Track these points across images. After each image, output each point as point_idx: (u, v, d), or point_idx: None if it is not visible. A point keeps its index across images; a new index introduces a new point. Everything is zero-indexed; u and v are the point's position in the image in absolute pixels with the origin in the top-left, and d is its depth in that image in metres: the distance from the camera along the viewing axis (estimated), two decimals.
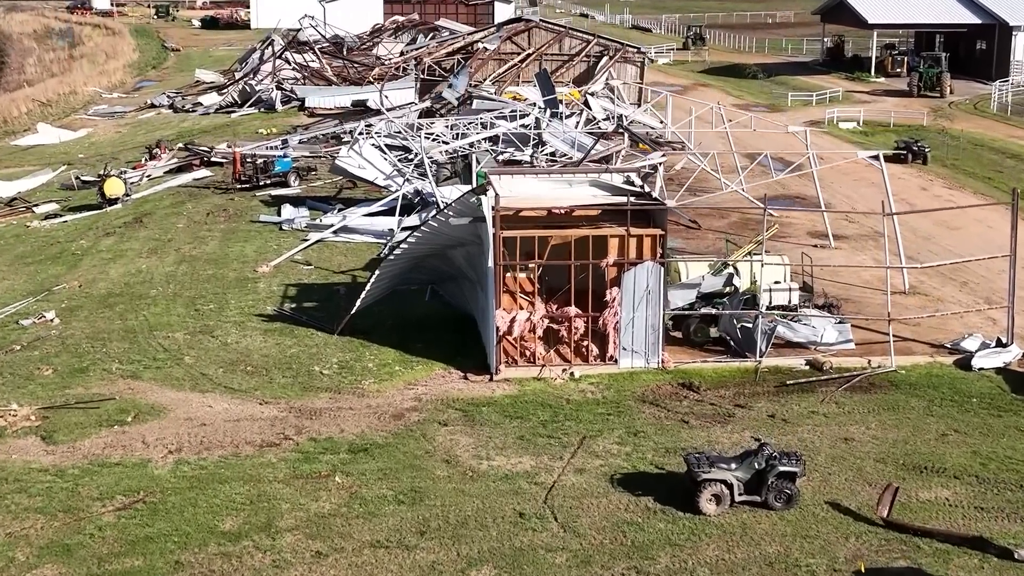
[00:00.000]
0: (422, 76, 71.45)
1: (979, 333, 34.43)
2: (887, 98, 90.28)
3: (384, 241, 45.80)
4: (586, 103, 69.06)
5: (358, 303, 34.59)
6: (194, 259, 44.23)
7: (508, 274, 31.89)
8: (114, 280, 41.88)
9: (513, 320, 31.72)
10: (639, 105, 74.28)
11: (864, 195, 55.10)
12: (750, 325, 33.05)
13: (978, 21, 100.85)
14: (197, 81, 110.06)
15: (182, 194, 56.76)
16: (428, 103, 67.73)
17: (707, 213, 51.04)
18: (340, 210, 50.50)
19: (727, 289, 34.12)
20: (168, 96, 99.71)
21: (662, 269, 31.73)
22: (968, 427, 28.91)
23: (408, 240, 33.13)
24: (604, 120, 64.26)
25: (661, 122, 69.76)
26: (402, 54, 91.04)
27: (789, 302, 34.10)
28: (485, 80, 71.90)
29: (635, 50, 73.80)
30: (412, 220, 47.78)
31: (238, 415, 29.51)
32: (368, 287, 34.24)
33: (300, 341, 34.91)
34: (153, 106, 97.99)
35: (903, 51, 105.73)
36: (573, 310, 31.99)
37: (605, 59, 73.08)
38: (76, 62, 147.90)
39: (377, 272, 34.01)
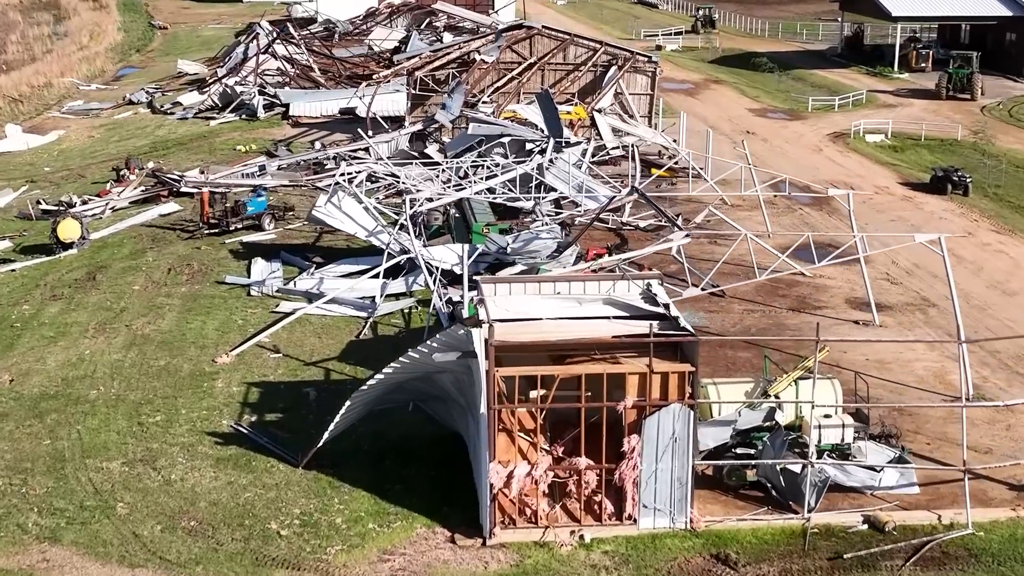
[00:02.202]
0: (413, 91, 65.39)
1: None
2: (914, 100, 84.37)
3: (366, 314, 40.24)
4: (592, 121, 63.10)
5: (325, 435, 29.01)
6: (146, 341, 38.54)
7: (504, 408, 26.27)
8: (51, 373, 36.21)
9: (511, 475, 26.15)
10: (650, 118, 68.29)
11: (904, 241, 49.22)
12: (796, 469, 27.49)
13: (1009, 13, 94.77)
14: (179, 73, 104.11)
15: (144, 237, 51.02)
16: (420, 125, 61.76)
17: (729, 270, 45.32)
18: (317, 267, 44.81)
19: (767, 424, 28.48)
20: (147, 92, 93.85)
21: (692, 414, 26.08)
22: None
23: (383, 371, 27.44)
24: (614, 148, 58.48)
25: (674, 140, 63.85)
26: (392, 63, 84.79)
27: (842, 440, 28.45)
28: (483, 93, 65.86)
29: (646, 59, 67.65)
30: (398, 284, 42.24)
31: None
32: (338, 417, 28.63)
33: (258, 478, 29.30)
34: (131, 103, 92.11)
35: (927, 44, 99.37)
36: (584, 461, 26.40)
37: (613, 69, 66.97)
38: (60, 41, 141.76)
39: (348, 403, 28.36)
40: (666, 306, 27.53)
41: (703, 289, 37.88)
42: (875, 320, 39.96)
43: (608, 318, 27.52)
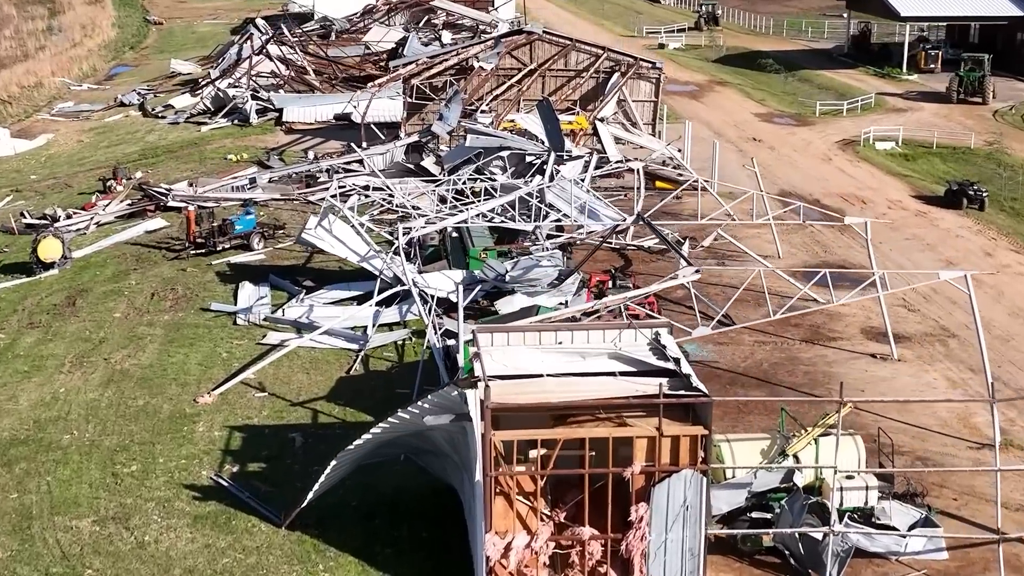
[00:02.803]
0: (409, 99, 63.23)
1: None
2: (923, 104, 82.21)
3: (357, 347, 38.25)
4: (595, 131, 61.01)
5: (310, 495, 27.03)
6: (125, 377, 36.53)
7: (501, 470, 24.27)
8: (23, 414, 34.20)
9: (509, 546, 24.13)
10: (654, 126, 66.25)
11: (920, 263, 47.22)
12: (817, 536, 25.51)
13: (1020, 13, 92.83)
14: (172, 73, 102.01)
15: (128, 257, 49.00)
16: (416, 136, 59.67)
17: (743, 297, 43.26)
18: (307, 292, 42.79)
19: (785, 485, 26.47)
20: (139, 93, 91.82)
21: (705, 480, 24.06)
22: None
23: (371, 431, 25.43)
24: (618, 162, 56.44)
25: (679, 150, 61.81)
26: (388, 69, 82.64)
27: (866, 503, 26.45)
28: (481, 100, 63.74)
29: (650, 65, 65.53)
30: (391, 314, 40.23)
31: None
32: (323, 477, 26.65)
33: (238, 540, 27.30)
34: (122, 104, 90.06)
35: (936, 44, 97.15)
36: (588, 531, 24.38)
37: (616, 76, 64.86)
38: (54, 37, 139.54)
39: (334, 462, 26.37)
40: (676, 360, 25.48)
41: (713, 328, 35.72)
42: (893, 354, 37.92)
43: (614, 374, 25.46)
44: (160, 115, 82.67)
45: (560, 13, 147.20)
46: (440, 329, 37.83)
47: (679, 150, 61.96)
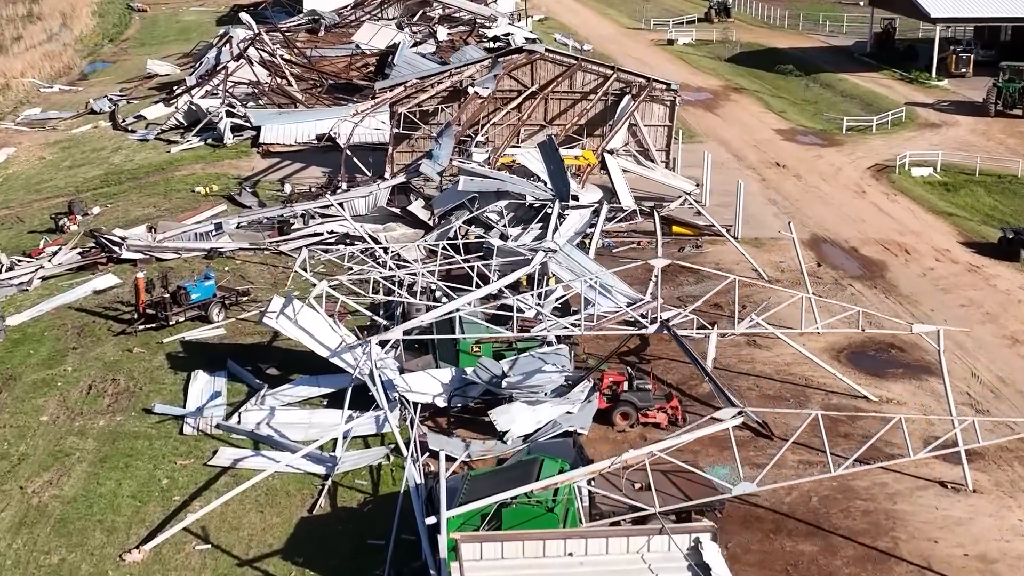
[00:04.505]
0: (396, 129, 56.59)
1: None
2: (958, 117, 75.64)
3: (324, 471, 31.99)
4: (603, 164, 54.43)
5: None
6: (41, 517, 30.22)
7: None
8: None
9: None
10: (668, 152, 59.73)
11: (983, 340, 40.89)
12: None
13: None
14: (149, 74, 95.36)
15: (69, 330, 42.62)
16: (402, 176, 53.17)
17: (781, 392, 37.01)
18: (269, 387, 36.46)
19: None
20: (111, 100, 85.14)
21: None
22: None
23: None
24: (632, 209, 50.04)
25: (698, 185, 55.37)
26: (376, 76, 76.24)
27: None
28: (477, 128, 57.14)
29: (664, 87, 58.90)
30: (365, 423, 33.93)
31: None
32: None
33: None
34: (92, 112, 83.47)
35: (967, 46, 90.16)
36: None
37: (627, 99, 58.23)
38: (31, 26, 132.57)
39: None
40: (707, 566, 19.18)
41: (755, 481, 29.24)
42: (968, 483, 31.56)
43: None
44: (130, 128, 76.18)
45: (565, 1, 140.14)
46: (422, 448, 31.74)
47: (697, 185, 55.50)
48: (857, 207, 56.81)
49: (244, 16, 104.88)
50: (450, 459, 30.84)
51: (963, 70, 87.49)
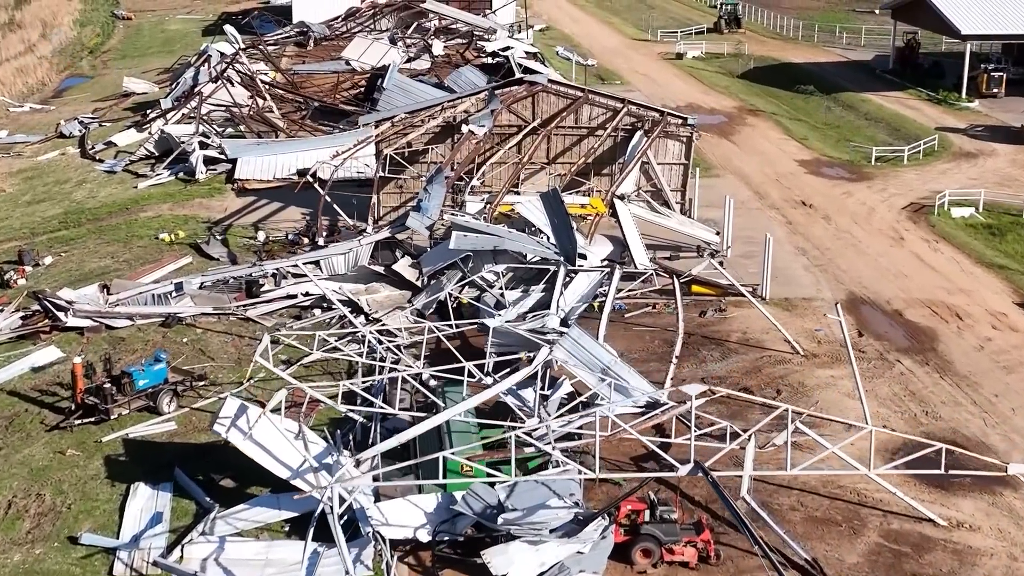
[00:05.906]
0: (381, 174, 50.61)
1: None
2: (994, 145, 69.87)
3: None
4: (613, 211, 48.52)
5: None
6: None
7: None
8: None
9: None
10: (683, 193, 53.85)
11: None
12: None
13: None
14: (125, 92, 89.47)
15: None
16: (387, 231, 47.27)
17: (830, 516, 31.19)
18: (220, 510, 30.56)
19: None
20: (81, 123, 79.21)
21: None
22: None
23: None
24: (648, 270, 44.26)
25: (717, 233, 49.58)
26: (365, 98, 70.33)
27: None
28: (472, 169, 51.17)
29: (680, 121, 52.95)
30: (333, 564, 28.03)
31: None
32: None
33: None
34: (62, 136, 77.68)
35: (999, 66, 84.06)
36: None
37: (639, 135, 52.29)
38: (10, 35, 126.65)
39: None
40: None
41: None
42: None
43: None
44: (98, 157, 70.34)
45: (566, 8, 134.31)
46: None
47: (717, 233, 49.72)
48: (896, 258, 50.87)
49: (229, 29, 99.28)
50: None
51: (995, 90, 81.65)
